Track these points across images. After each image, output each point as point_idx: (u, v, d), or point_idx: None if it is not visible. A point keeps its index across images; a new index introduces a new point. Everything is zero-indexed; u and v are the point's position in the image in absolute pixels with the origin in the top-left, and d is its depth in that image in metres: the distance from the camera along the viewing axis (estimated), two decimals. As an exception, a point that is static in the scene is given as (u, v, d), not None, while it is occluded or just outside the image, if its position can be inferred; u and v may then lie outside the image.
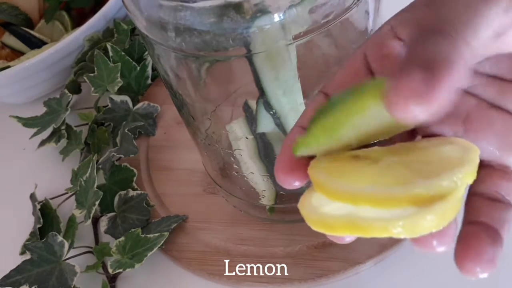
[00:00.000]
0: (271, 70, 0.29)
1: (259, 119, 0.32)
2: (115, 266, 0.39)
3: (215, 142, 0.37)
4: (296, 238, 0.40)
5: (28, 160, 0.55)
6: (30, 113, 0.55)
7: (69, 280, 0.40)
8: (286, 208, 0.40)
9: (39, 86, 0.60)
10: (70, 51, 0.58)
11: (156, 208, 0.45)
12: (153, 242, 0.40)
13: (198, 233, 0.43)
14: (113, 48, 0.54)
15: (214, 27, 0.26)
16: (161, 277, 0.42)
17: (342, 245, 0.39)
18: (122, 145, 0.48)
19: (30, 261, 0.41)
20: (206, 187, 0.46)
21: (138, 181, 0.48)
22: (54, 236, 0.42)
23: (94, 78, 0.53)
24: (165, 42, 0.28)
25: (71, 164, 0.51)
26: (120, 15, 0.62)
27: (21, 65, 0.55)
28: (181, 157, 0.49)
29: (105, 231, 0.44)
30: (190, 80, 0.33)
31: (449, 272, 0.37)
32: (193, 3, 0.25)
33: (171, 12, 0.26)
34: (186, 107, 0.35)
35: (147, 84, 0.56)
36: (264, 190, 0.38)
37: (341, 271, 0.38)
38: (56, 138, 0.53)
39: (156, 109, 0.53)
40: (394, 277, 0.37)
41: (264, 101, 0.31)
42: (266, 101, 0.31)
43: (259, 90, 0.30)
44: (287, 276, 0.38)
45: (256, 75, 0.29)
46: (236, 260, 0.40)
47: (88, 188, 0.44)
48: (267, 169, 0.37)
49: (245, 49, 0.27)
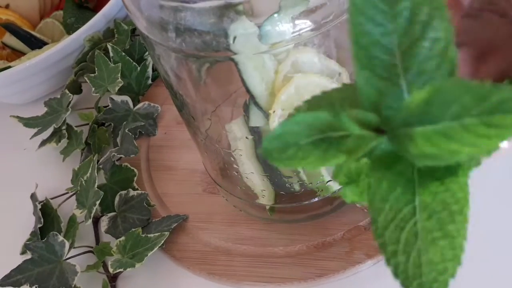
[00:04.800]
0: (254, 72, 0.29)
1: (251, 115, 0.33)
2: (116, 265, 0.40)
3: (215, 142, 0.37)
4: (296, 237, 0.40)
5: (28, 160, 0.55)
6: (31, 113, 0.55)
7: (70, 279, 0.40)
8: (286, 208, 0.40)
9: (40, 86, 0.60)
10: (71, 52, 0.58)
11: (157, 208, 0.46)
12: (153, 241, 0.40)
13: (199, 232, 0.43)
14: (114, 49, 0.55)
15: (214, 27, 0.26)
16: (161, 277, 0.42)
17: (342, 245, 0.39)
18: (122, 145, 0.48)
19: (30, 260, 0.41)
20: (206, 187, 0.46)
21: (139, 181, 0.48)
22: (54, 236, 0.42)
23: (95, 78, 0.53)
24: (165, 42, 0.28)
25: (71, 164, 0.51)
26: (120, 16, 0.62)
27: (21, 65, 0.55)
28: (181, 157, 0.49)
29: (105, 230, 0.44)
30: (190, 80, 0.33)
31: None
32: (194, 4, 0.25)
33: (171, 12, 0.26)
34: (186, 107, 0.35)
35: (148, 85, 0.56)
36: (263, 190, 0.38)
37: (341, 271, 0.38)
38: (56, 138, 0.53)
39: (156, 109, 0.53)
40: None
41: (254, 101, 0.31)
42: (255, 101, 0.31)
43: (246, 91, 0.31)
44: (287, 275, 0.38)
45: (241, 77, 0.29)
46: (236, 260, 0.40)
47: (88, 188, 0.44)
48: (265, 169, 0.37)
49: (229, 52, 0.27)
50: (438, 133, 0.15)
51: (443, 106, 0.15)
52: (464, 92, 0.14)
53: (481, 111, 0.14)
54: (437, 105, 0.15)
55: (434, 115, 0.15)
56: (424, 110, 0.15)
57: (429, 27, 0.16)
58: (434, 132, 0.15)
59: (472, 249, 0.23)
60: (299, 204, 0.39)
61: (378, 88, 0.17)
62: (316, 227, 0.41)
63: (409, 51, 0.16)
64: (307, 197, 0.39)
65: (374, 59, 0.16)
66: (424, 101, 0.15)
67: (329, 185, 0.38)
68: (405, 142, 0.16)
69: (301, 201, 0.39)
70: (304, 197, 0.39)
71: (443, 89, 0.15)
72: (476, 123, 0.14)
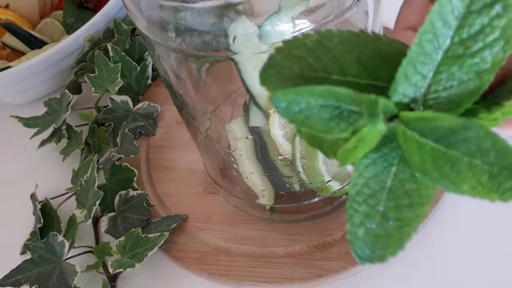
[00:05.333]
0: (254, 72, 0.29)
1: (251, 115, 0.33)
2: (116, 265, 0.40)
3: (215, 142, 0.37)
4: (296, 238, 0.40)
5: (28, 160, 0.55)
6: (31, 113, 0.55)
7: (70, 279, 0.40)
8: (286, 208, 0.40)
9: (40, 86, 0.60)
10: (71, 52, 0.58)
11: (157, 208, 0.46)
12: (153, 242, 0.40)
13: (199, 233, 0.43)
14: (114, 49, 0.55)
15: (214, 27, 0.26)
16: (161, 277, 0.42)
17: (342, 245, 0.39)
18: (122, 145, 0.48)
19: (30, 260, 0.41)
20: (206, 187, 0.46)
21: (139, 181, 0.48)
22: (54, 236, 0.42)
23: (95, 78, 0.53)
24: (165, 42, 0.28)
25: (71, 164, 0.51)
26: (120, 16, 0.62)
27: (21, 65, 0.55)
28: (181, 157, 0.49)
29: (105, 231, 0.44)
30: (190, 80, 0.33)
31: (449, 271, 0.37)
32: (194, 4, 0.25)
33: (171, 12, 0.26)
34: (186, 107, 0.35)
35: (148, 84, 0.56)
36: (263, 190, 0.38)
37: (341, 271, 0.38)
38: (56, 138, 0.53)
39: (156, 109, 0.53)
40: (394, 277, 0.38)
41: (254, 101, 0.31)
42: (255, 101, 0.31)
43: (246, 91, 0.31)
44: (287, 276, 0.38)
45: (241, 77, 0.29)
46: (236, 260, 0.40)
47: (88, 188, 0.44)
48: (265, 169, 0.37)
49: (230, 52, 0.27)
50: (447, 157, 0.15)
51: (464, 139, 0.15)
52: (487, 137, 0.15)
53: (493, 162, 0.14)
54: (460, 134, 0.15)
55: (451, 141, 0.15)
56: (448, 132, 0.15)
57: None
58: (443, 154, 0.15)
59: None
60: (299, 204, 0.39)
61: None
62: (316, 227, 0.41)
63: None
64: (307, 197, 0.39)
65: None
66: (451, 129, 0.15)
67: (329, 185, 0.38)
68: (412, 148, 0.16)
69: (301, 201, 0.39)
70: (304, 197, 0.39)
71: (469, 125, 0.15)
72: (484, 170, 0.15)
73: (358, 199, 0.19)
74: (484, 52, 0.16)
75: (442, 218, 0.40)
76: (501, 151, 0.14)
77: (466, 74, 0.16)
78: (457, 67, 0.16)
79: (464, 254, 0.38)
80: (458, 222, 0.39)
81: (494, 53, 0.16)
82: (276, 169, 0.37)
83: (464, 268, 0.37)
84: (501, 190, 0.15)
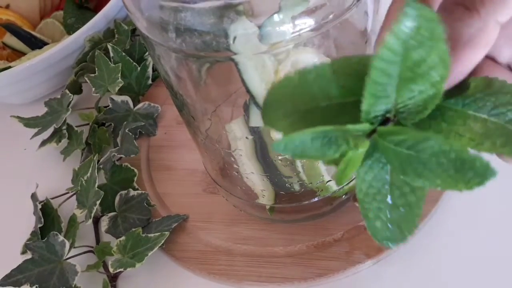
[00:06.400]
0: (254, 72, 0.29)
1: (251, 115, 0.33)
2: (116, 265, 0.40)
3: (215, 142, 0.37)
4: (296, 237, 0.40)
5: (29, 160, 0.55)
6: (31, 113, 0.55)
7: (70, 279, 0.40)
8: (286, 208, 0.40)
9: (40, 87, 0.60)
10: (71, 52, 0.58)
11: (157, 207, 0.46)
12: (153, 241, 0.40)
13: (199, 232, 0.43)
14: (114, 49, 0.55)
15: (214, 28, 0.26)
16: (161, 277, 0.42)
17: (342, 245, 0.39)
18: (123, 145, 0.48)
19: (31, 260, 0.41)
20: (206, 187, 0.46)
21: (139, 181, 0.48)
22: (55, 236, 0.42)
23: (95, 79, 0.53)
24: (165, 42, 0.28)
25: (72, 164, 0.51)
26: (120, 16, 0.62)
27: (22, 65, 0.55)
28: (181, 157, 0.50)
29: (106, 230, 0.44)
30: (190, 80, 0.33)
31: (449, 271, 0.37)
32: (194, 4, 0.25)
33: (171, 13, 0.26)
34: (186, 107, 0.35)
35: (148, 85, 0.56)
36: (263, 190, 0.38)
37: (341, 270, 0.38)
38: (57, 138, 0.53)
39: (156, 109, 0.53)
40: (394, 277, 0.38)
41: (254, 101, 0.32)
42: (255, 101, 0.31)
43: (246, 91, 0.31)
44: (287, 275, 0.38)
45: (241, 77, 0.29)
46: (236, 260, 0.40)
47: (89, 188, 0.44)
48: (265, 169, 0.37)
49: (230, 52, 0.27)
50: (419, 160, 0.19)
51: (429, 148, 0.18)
52: (445, 143, 0.18)
53: (455, 159, 0.18)
54: (424, 144, 0.18)
55: (419, 148, 0.19)
56: (415, 142, 0.19)
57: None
58: (415, 158, 0.19)
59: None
60: (299, 204, 0.39)
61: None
62: (316, 227, 0.41)
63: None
64: (307, 197, 0.39)
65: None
66: (416, 140, 0.19)
67: (329, 185, 0.38)
68: (391, 155, 0.20)
69: (301, 201, 0.39)
70: (304, 197, 0.39)
71: (429, 136, 0.18)
72: (450, 165, 0.18)
73: (367, 199, 0.21)
74: (430, 72, 0.18)
75: (442, 218, 0.40)
76: (458, 150, 0.17)
77: (423, 86, 0.19)
78: (413, 85, 0.19)
79: (464, 254, 0.38)
80: (458, 222, 0.39)
81: (438, 72, 0.18)
82: (276, 169, 0.37)
83: (464, 268, 0.37)
84: (466, 179, 0.17)
